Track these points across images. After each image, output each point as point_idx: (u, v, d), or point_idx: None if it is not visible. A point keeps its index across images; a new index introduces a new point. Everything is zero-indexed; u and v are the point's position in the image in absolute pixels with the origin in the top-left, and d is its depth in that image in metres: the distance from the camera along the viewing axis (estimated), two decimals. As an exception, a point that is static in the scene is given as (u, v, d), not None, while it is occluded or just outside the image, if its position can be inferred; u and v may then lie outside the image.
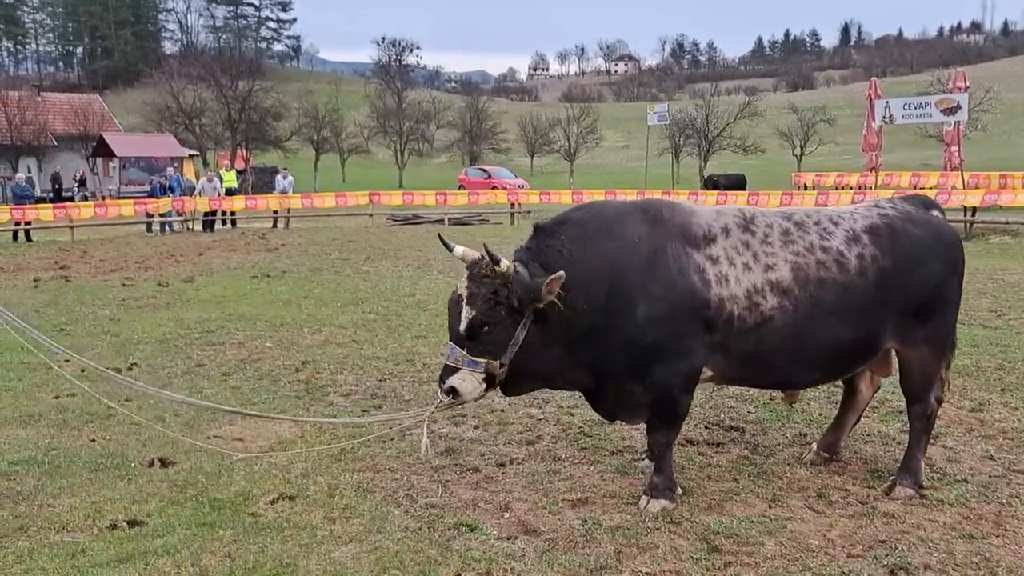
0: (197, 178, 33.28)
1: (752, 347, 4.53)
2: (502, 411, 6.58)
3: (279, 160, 54.97)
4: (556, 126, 62.28)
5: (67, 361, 7.81)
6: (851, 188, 30.07)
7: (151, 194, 26.15)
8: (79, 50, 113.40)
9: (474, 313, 4.35)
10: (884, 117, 22.28)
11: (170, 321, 10.95)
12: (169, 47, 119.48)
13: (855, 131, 70.54)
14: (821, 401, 6.70)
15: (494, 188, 40.90)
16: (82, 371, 8.16)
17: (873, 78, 33.94)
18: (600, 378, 4.65)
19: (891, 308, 4.65)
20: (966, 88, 29.01)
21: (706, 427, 6.13)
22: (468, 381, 4.44)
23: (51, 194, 39.01)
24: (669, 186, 41.34)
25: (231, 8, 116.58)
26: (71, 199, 37.99)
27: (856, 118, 78.95)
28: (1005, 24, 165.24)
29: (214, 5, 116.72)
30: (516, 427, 6.18)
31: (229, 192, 27.03)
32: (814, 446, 5.40)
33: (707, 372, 4.65)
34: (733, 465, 5.34)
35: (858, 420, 5.46)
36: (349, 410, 6.76)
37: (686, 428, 5.56)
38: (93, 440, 6.08)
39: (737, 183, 40.22)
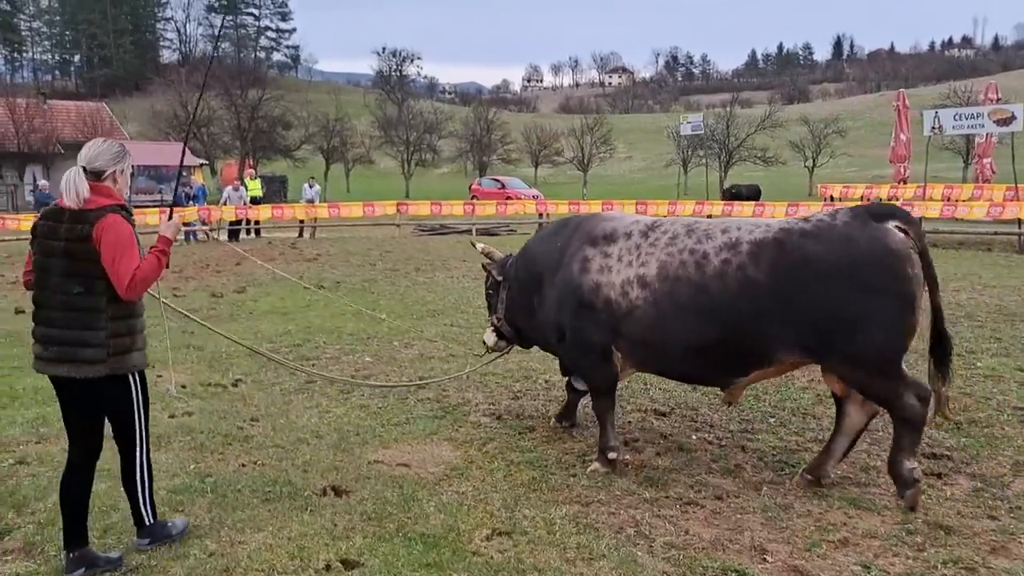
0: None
1: (635, 332, 5.15)
2: (670, 435, 6.12)
3: (286, 169, 54.53)
4: (568, 136, 61.89)
5: (160, 376, 7.35)
6: (880, 200, 29.71)
7: (175, 203, 25.55)
8: (76, 58, 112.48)
9: (485, 287, 6.63)
10: (933, 127, 21.95)
11: (248, 333, 10.43)
12: (167, 56, 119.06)
13: (861, 143, 70.85)
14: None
15: (508, 199, 40.45)
16: (183, 387, 7.72)
17: (901, 90, 33.82)
18: (548, 340, 5.94)
19: (776, 320, 4.71)
20: (998, 99, 28.83)
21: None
22: (488, 334, 6.52)
23: (61, 202, 38.36)
24: (674, 196, 41.02)
25: (230, 17, 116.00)
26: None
27: (860, 131, 79.37)
28: (996, 39, 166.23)
29: (213, 15, 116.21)
30: (702, 454, 5.71)
31: (254, 201, 26.48)
32: (800, 471, 5.21)
33: (619, 355, 5.35)
34: (972, 498, 4.88)
35: (851, 446, 5.14)
36: (504, 432, 6.27)
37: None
38: (243, 465, 5.58)
39: (755, 194, 39.91)
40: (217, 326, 11.08)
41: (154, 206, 33.69)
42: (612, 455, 5.35)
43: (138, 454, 4.18)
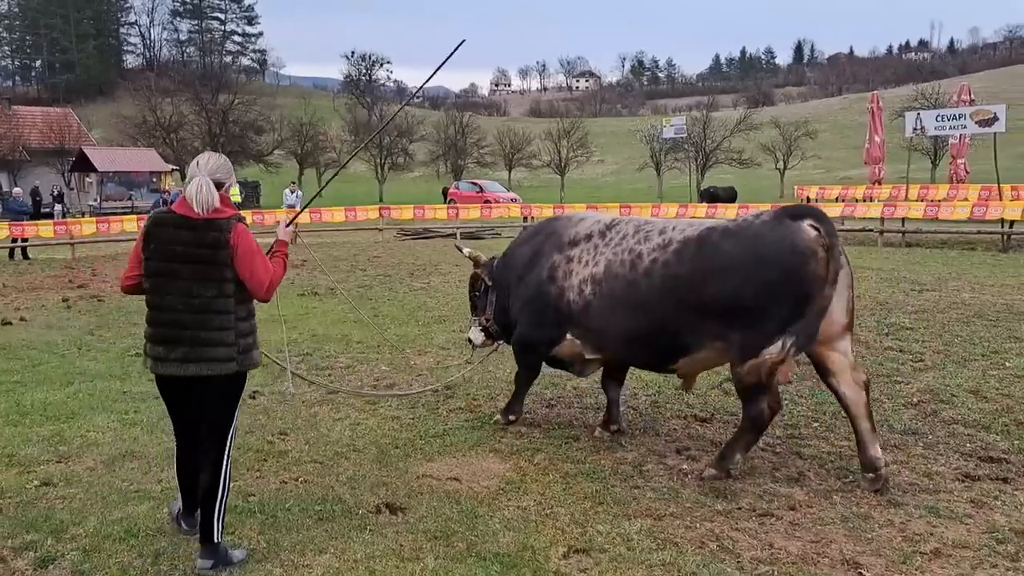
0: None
1: (588, 323, 5.71)
2: (720, 442, 5.96)
3: (258, 174, 53.79)
4: (545, 140, 61.73)
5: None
6: (856, 200, 29.91)
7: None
8: (38, 63, 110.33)
9: (469, 288, 6.98)
10: (915, 128, 22.13)
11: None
12: (131, 61, 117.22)
13: (827, 146, 71.59)
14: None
15: (487, 202, 40.21)
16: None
17: (875, 92, 34.07)
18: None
19: (696, 310, 5.10)
20: (971, 100, 29.18)
21: (959, 458, 5.57)
22: (475, 332, 6.82)
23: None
24: (655, 199, 41.15)
25: (196, 22, 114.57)
26: (50, 215, 36.57)
27: (825, 133, 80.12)
28: (951, 43, 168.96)
29: (178, 19, 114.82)
30: (761, 462, 5.56)
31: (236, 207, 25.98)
32: (861, 478, 5.15)
33: (577, 343, 5.90)
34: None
35: (869, 423, 5.11)
36: (549, 442, 6.08)
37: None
38: (285, 482, 5.34)
39: (732, 196, 40.11)
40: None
41: (125, 213, 33.03)
42: (512, 417, 6.51)
43: (226, 454, 4.26)
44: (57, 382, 8.28)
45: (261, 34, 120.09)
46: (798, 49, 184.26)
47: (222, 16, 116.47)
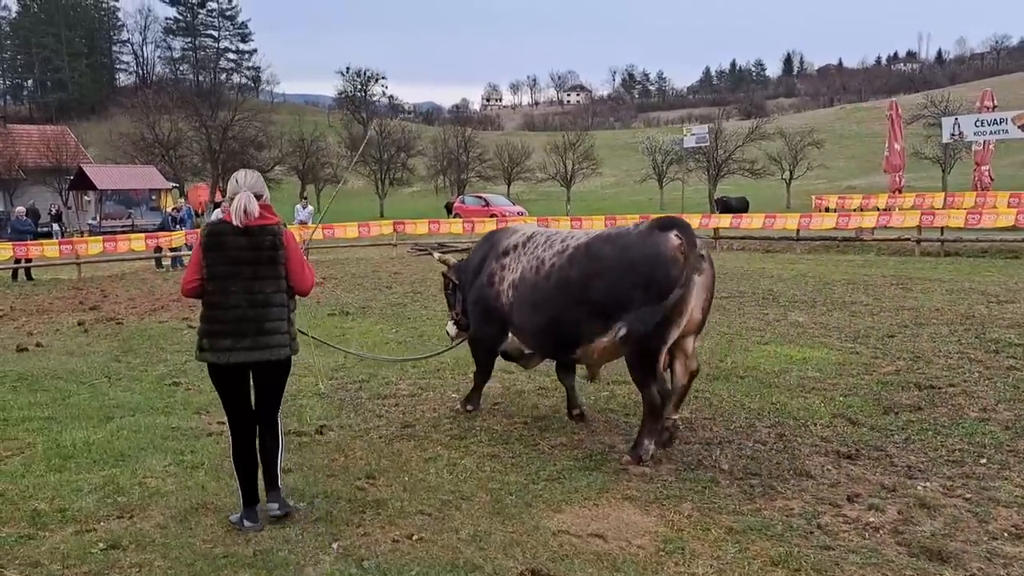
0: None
1: (514, 321, 6.46)
2: (893, 488, 5.15)
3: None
4: (550, 152, 61.05)
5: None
6: (878, 209, 29.27)
7: (162, 227, 24.21)
8: (29, 82, 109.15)
9: (444, 288, 7.69)
10: (953, 134, 21.52)
11: (297, 367, 9.35)
12: (124, 79, 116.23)
13: (827, 156, 71.02)
14: None
15: (492, 216, 39.45)
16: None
17: (894, 99, 33.49)
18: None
19: (582, 306, 5.79)
20: (994, 106, 28.60)
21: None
22: (450, 325, 7.56)
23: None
24: (658, 210, 40.40)
25: (189, 39, 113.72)
26: (48, 235, 35.61)
27: (825, 144, 79.70)
28: (939, 53, 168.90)
29: (171, 36, 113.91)
30: (952, 509, 4.74)
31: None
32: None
33: (515, 339, 6.66)
34: None
35: (679, 398, 5.98)
36: (685, 487, 5.26)
37: None
38: (396, 541, 4.50)
39: (744, 206, 39.52)
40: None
41: (125, 232, 32.08)
42: (470, 407, 7.27)
43: (279, 420, 5.03)
44: (94, 417, 7.44)
45: (255, 51, 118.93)
46: (787, 61, 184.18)
47: (215, 34, 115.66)
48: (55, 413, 7.65)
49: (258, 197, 4.73)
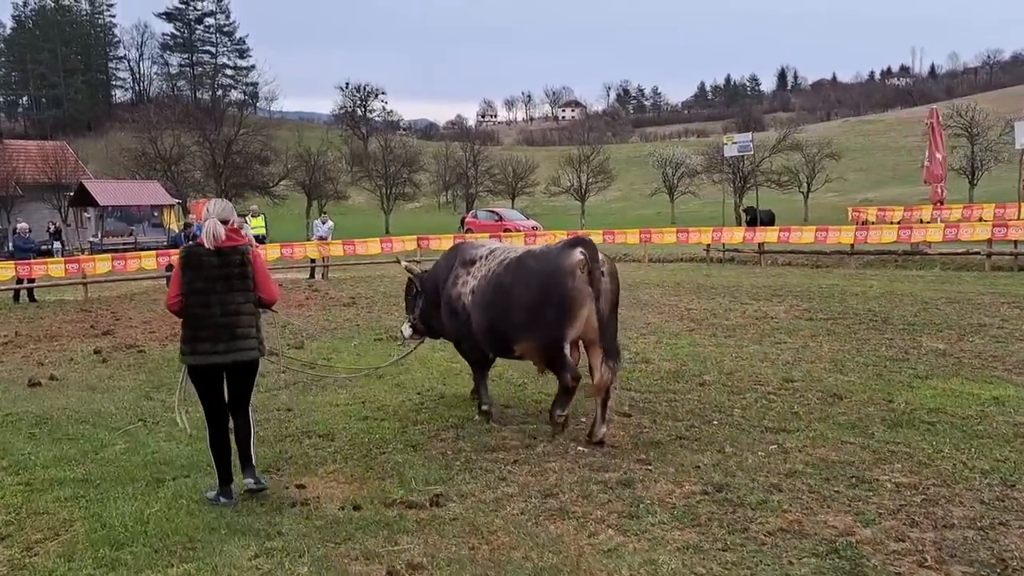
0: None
1: (473, 322, 7.08)
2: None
3: (264, 206, 51.40)
4: (565, 165, 59.82)
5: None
6: (922, 221, 27.92)
7: (174, 244, 22.74)
8: (24, 99, 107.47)
9: (404, 292, 8.53)
10: (1024, 142, 20.20)
11: (356, 404, 8.07)
12: (120, 95, 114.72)
13: (837, 169, 69.90)
14: None
15: (506, 231, 38.05)
16: (355, 508, 5.13)
17: (934, 107, 32.15)
18: (448, 335, 7.85)
19: (512, 311, 6.62)
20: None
21: None
22: (405, 327, 8.43)
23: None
24: (669, 223, 38.93)
25: (186, 55, 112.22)
26: (49, 253, 34.08)
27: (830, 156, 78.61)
28: (932, 68, 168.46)
29: (168, 52, 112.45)
30: None
31: (259, 240, 23.68)
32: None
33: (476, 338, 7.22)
34: None
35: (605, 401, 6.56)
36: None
37: None
38: None
39: (771, 219, 38.12)
40: (322, 396, 8.52)
41: (127, 250, 30.50)
42: (485, 407, 7.42)
43: (250, 408, 5.71)
44: (140, 480, 5.99)
45: (253, 67, 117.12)
46: (782, 75, 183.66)
47: (213, 50, 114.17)
48: (90, 474, 6.20)
49: (225, 223, 5.39)
